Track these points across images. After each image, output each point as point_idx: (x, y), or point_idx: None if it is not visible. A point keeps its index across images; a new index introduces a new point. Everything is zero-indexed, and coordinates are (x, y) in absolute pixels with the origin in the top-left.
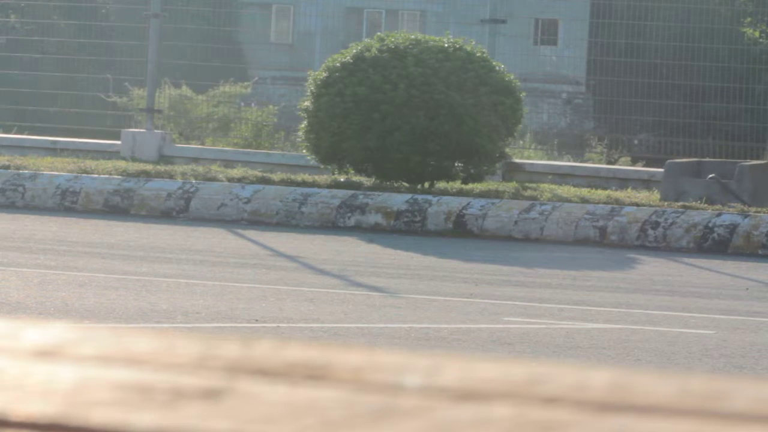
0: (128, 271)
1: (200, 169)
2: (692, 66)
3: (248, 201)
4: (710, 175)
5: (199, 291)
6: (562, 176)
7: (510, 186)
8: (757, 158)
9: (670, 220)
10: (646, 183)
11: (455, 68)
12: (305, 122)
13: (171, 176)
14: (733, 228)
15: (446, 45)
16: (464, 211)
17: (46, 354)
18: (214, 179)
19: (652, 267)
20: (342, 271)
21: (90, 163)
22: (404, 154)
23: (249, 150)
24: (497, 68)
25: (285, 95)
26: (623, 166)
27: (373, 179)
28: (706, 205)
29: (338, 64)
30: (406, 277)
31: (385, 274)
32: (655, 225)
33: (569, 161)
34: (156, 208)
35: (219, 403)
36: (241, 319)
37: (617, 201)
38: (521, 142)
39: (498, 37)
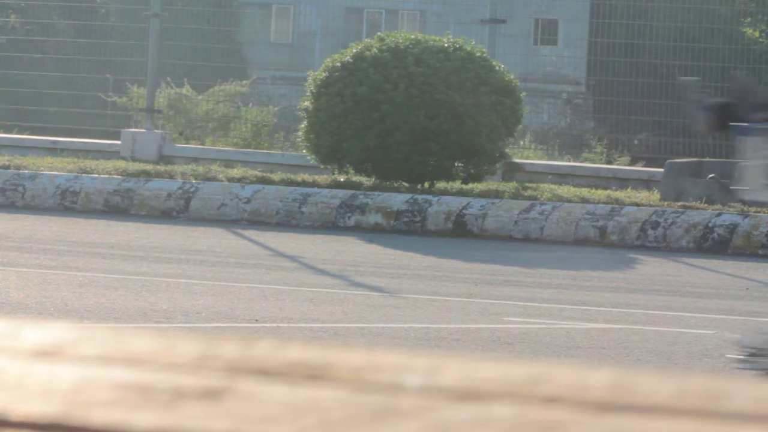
0: (128, 271)
1: (200, 169)
2: (692, 66)
3: (248, 201)
4: (710, 175)
5: (199, 291)
6: (562, 176)
7: (510, 186)
8: None
9: (670, 220)
10: (646, 183)
11: (455, 68)
12: (305, 122)
13: (171, 176)
14: (733, 228)
15: (446, 45)
16: (464, 211)
17: (46, 354)
18: (214, 179)
19: (652, 267)
20: (342, 271)
21: (90, 163)
22: (404, 154)
23: (249, 150)
24: (497, 68)
25: (285, 95)
26: (623, 166)
27: (373, 179)
28: (706, 205)
29: (338, 64)
30: (406, 277)
31: (385, 274)
32: (655, 225)
33: (569, 161)
34: (156, 208)
35: (219, 403)
36: (241, 319)
37: (617, 201)
38: (521, 142)
39: (498, 37)
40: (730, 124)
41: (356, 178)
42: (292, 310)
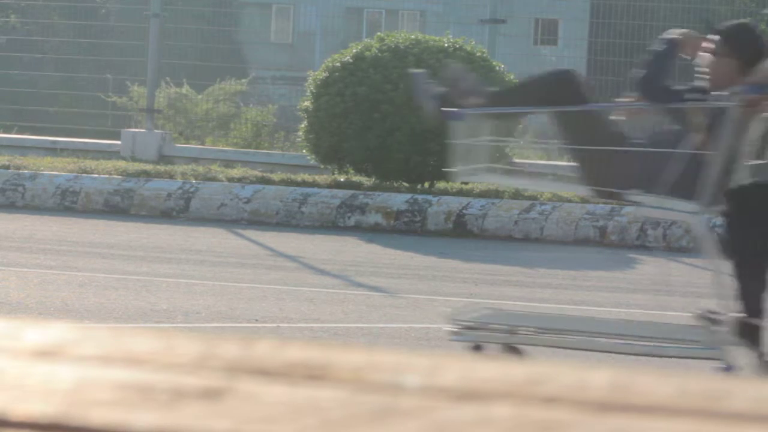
0: (128, 271)
1: (200, 169)
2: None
3: (248, 201)
4: None
5: (199, 291)
6: (563, 176)
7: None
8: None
9: (670, 220)
10: None
11: None
12: (305, 122)
13: (171, 176)
14: None
15: (446, 45)
16: (464, 211)
17: (46, 354)
18: (214, 179)
19: (652, 267)
20: (342, 271)
21: (90, 163)
22: (404, 154)
23: (249, 150)
24: (497, 68)
25: (285, 95)
26: None
27: (373, 179)
28: None
29: (338, 64)
30: (406, 277)
31: (385, 274)
32: (655, 225)
33: (569, 161)
34: (156, 208)
35: (219, 403)
36: (241, 319)
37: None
38: (521, 142)
39: (498, 37)
40: (444, 109)
41: (356, 178)
42: (292, 310)
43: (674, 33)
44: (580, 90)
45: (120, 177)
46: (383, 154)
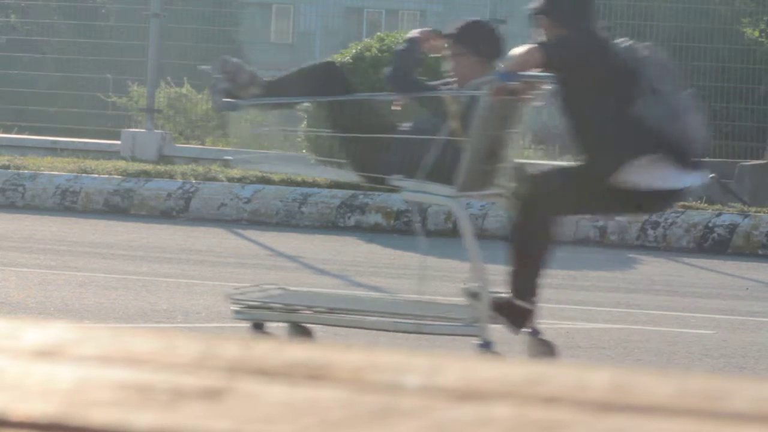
0: (128, 271)
1: (200, 169)
2: (692, 66)
3: (248, 201)
4: (710, 175)
5: (199, 291)
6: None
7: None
8: (757, 158)
9: (670, 220)
10: None
11: None
12: (305, 122)
13: (171, 176)
14: (733, 228)
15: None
16: None
17: (46, 354)
18: (214, 179)
19: (652, 267)
20: (342, 271)
21: (90, 163)
22: None
23: (249, 150)
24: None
25: None
26: None
27: None
28: (706, 205)
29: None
30: (406, 277)
31: (385, 274)
32: (655, 225)
33: (569, 161)
34: (156, 208)
35: (219, 403)
36: None
37: None
38: (521, 142)
39: None
40: (225, 100)
41: None
42: None
43: (414, 32)
44: (344, 81)
45: (120, 177)
46: None
